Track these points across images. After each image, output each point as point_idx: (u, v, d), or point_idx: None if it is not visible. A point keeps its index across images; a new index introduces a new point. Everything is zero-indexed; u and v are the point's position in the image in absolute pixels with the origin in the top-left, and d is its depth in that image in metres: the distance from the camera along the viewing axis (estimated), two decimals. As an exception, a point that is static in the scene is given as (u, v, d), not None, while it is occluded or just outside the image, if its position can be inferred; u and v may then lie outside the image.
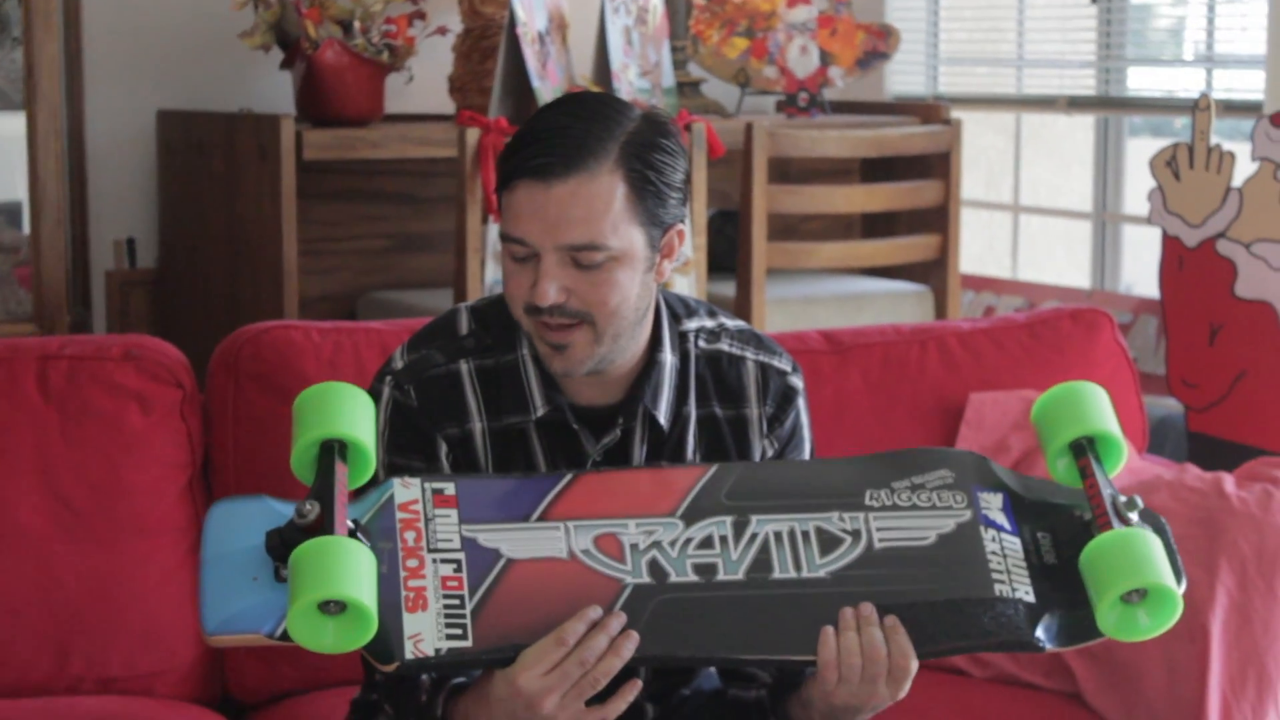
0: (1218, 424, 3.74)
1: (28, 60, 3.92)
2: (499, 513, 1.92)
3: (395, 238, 4.48)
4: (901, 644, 1.89)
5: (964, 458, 2.03)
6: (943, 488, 1.99)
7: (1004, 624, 1.90)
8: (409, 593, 1.84)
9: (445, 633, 1.83)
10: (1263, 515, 2.61)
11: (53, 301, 3.98)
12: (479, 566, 1.87)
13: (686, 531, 1.93)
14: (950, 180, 4.36)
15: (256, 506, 1.89)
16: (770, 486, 1.98)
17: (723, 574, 1.90)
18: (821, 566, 1.92)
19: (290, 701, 2.59)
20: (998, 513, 1.98)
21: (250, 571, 1.83)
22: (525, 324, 2.03)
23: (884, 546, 1.94)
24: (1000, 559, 1.94)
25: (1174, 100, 4.72)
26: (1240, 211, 3.69)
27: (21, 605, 2.49)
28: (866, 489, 1.98)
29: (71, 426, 2.54)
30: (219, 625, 1.80)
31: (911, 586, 1.92)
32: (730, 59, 4.78)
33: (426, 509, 1.90)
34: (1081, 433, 2.00)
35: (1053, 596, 1.92)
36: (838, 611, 1.90)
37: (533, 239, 1.97)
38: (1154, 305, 4.20)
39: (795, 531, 1.94)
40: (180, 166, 4.34)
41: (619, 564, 1.90)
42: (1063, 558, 1.95)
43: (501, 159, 2.02)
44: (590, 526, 1.92)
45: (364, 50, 4.05)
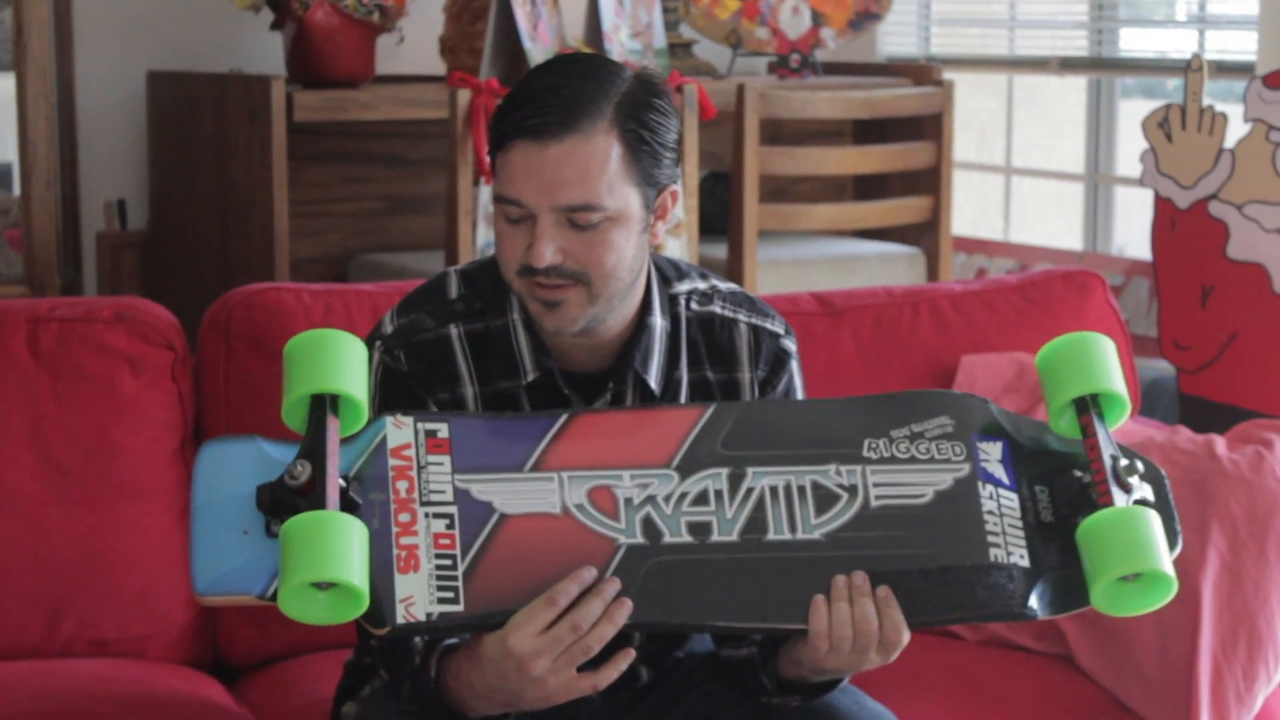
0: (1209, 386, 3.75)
1: (17, 21, 3.90)
2: (493, 460, 1.90)
3: (386, 199, 4.47)
4: (894, 618, 1.89)
5: (964, 401, 2.01)
6: (942, 438, 1.97)
7: (998, 594, 1.89)
8: (401, 551, 1.83)
9: (437, 596, 1.82)
10: (1254, 477, 2.61)
11: (43, 263, 3.97)
12: (472, 522, 1.86)
13: (681, 485, 1.91)
14: (942, 142, 4.36)
15: (248, 449, 1.87)
16: (768, 432, 1.96)
17: (717, 534, 1.90)
18: (816, 527, 1.91)
19: (282, 664, 2.60)
20: (996, 465, 1.97)
21: (241, 524, 1.81)
22: (517, 285, 2.02)
23: (880, 505, 1.93)
24: (997, 519, 1.93)
25: (1166, 61, 4.71)
26: (1232, 173, 3.69)
27: (12, 568, 2.49)
28: (865, 438, 1.96)
29: (62, 389, 2.54)
30: (209, 585, 1.79)
31: (907, 551, 1.91)
32: (722, 20, 4.77)
33: (419, 455, 1.89)
34: (1086, 390, 1.97)
35: (1047, 558, 1.92)
36: (830, 579, 1.89)
37: (528, 200, 1.96)
38: (1146, 267, 4.20)
39: (791, 486, 1.92)
40: (171, 128, 4.33)
41: (613, 521, 1.89)
42: (1059, 516, 1.94)
43: (495, 121, 2.01)
44: (584, 478, 1.90)
45: (354, 11, 4.03)
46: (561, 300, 1.99)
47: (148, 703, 2.38)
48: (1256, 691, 2.54)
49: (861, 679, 2.24)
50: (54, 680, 2.42)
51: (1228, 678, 2.51)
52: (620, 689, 2.18)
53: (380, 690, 2.10)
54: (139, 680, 2.45)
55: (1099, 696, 2.59)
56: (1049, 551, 1.92)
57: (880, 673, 2.50)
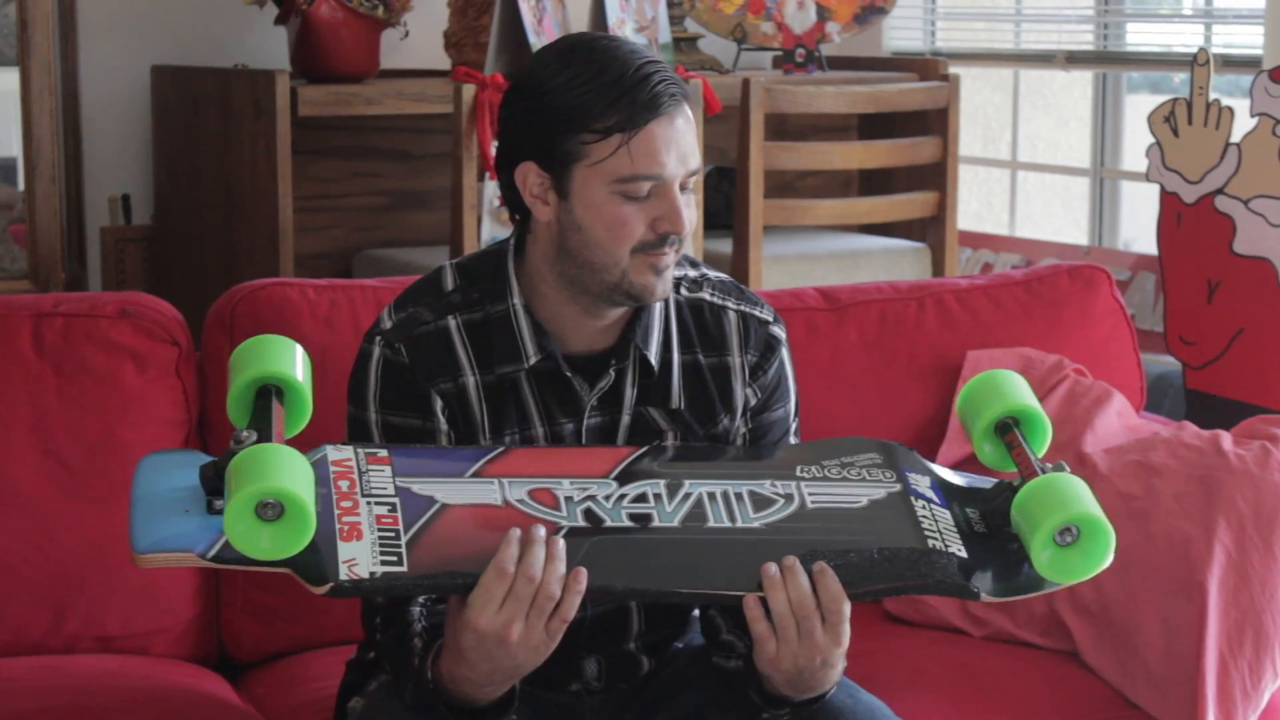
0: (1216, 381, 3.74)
1: (21, 15, 3.90)
2: (432, 471, 1.92)
3: (391, 195, 4.47)
4: (830, 587, 1.89)
5: (892, 447, 2.06)
6: (872, 466, 2.02)
7: (938, 569, 1.91)
8: (343, 525, 1.83)
9: (380, 559, 1.82)
10: (1260, 473, 2.61)
11: (47, 259, 3.97)
12: (413, 509, 1.87)
13: (620, 489, 1.94)
14: (948, 136, 4.35)
15: (188, 457, 1.89)
16: (704, 457, 2.03)
17: (658, 522, 1.92)
18: (756, 519, 1.94)
19: (286, 661, 2.59)
20: (927, 489, 2.00)
21: (181, 505, 1.82)
22: (623, 266, 2.03)
23: (816, 506, 1.96)
24: (932, 521, 1.96)
25: (1173, 55, 4.70)
26: (1239, 167, 3.68)
27: (17, 564, 2.49)
28: (797, 465, 2.01)
29: (67, 384, 2.54)
30: (149, 544, 1.78)
31: (845, 538, 1.93)
32: (727, 14, 4.76)
33: (360, 464, 1.91)
34: (1003, 411, 2.02)
35: (985, 557, 1.94)
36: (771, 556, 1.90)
37: (669, 173, 2.01)
38: (1152, 262, 4.19)
39: (729, 493, 1.96)
40: (175, 123, 4.33)
41: (554, 511, 1.90)
42: (992, 528, 1.97)
43: (595, 106, 1.99)
44: (524, 482, 1.92)
45: (359, 6, 4.03)
46: (670, 265, 2.05)
47: (152, 699, 2.38)
48: (1263, 687, 2.53)
49: (865, 675, 2.24)
50: (58, 676, 2.42)
51: (1234, 674, 2.51)
52: (622, 679, 2.19)
53: (387, 686, 2.10)
54: (143, 676, 2.45)
55: (1104, 693, 2.58)
56: (986, 554, 1.95)
57: (884, 669, 2.50)
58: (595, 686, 2.19)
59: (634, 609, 2.17)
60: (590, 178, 2.00)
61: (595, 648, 2.18)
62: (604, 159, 1.99)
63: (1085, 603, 2.63)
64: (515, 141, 2.06)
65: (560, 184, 2.02)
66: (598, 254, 2.03)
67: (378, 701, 2.10)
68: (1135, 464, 2.68)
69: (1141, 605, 2.57)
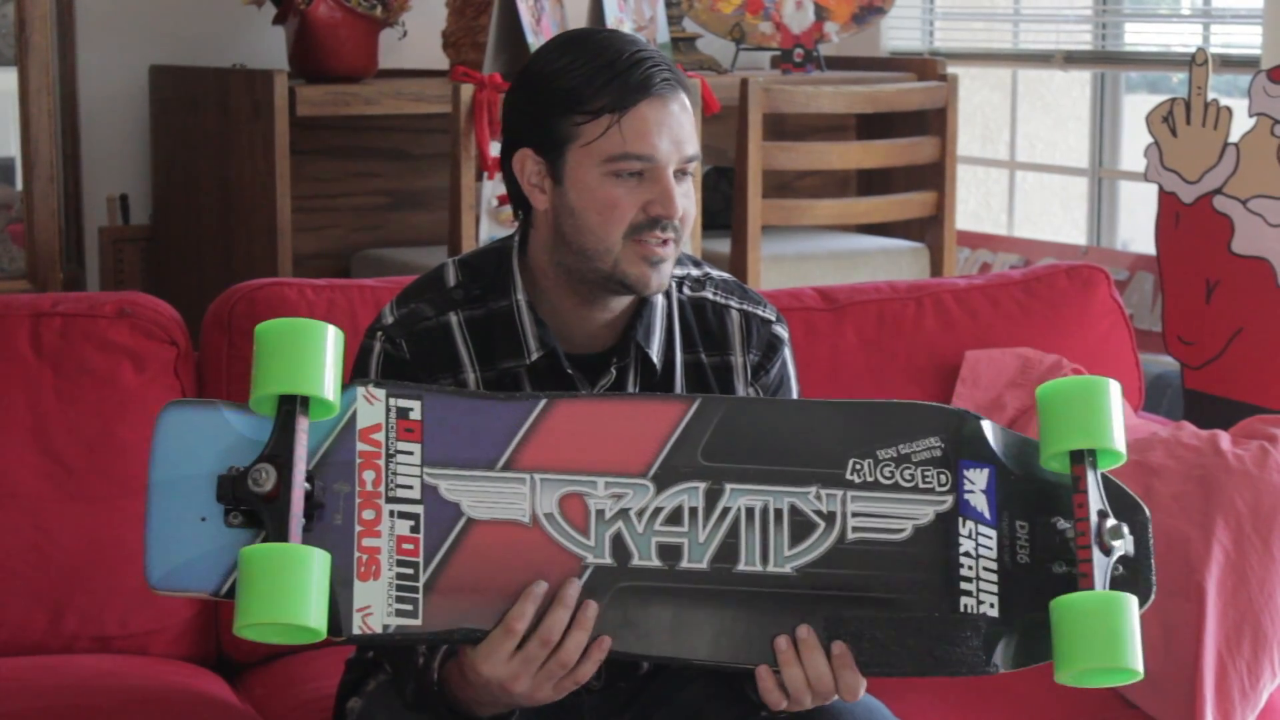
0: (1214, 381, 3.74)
1: (19, 15, 3.90)
2: (464, 453, 1.85)
3: (389, 194, 4.47)
4: (849, 680, 1.87)
5: (956, 419, 1.94)
6: (929, 463, 1.91)
7: (960, 652, 1.87)
8: (362, 554, 1.79)
9: (395, 609, 1.79)
10: (1259, 473, 2.61)
11: (46, 258, 3.97)
12: (437, 525, 1.82)
13: (656, 499, 1.87)
14: (946, 136, 4.35)
15: (210, 419, 1.81)
16: (751, 438, 1.90)
17: (687, 560, 1.86)
18: (788, 560, 1.87)
19: (285, 661, 2.59)
20: (979, 496, 1.91)
21: (198, 509, 1.77)
22: (615, 252, 2.02)
23: (856, 538, 1.88)
24: (973, 561, 1.89)
25: (1171, 55, 4.70)
26: (1237, 167, 3.68)
27: (16, 564, 2.48)
28: (850, 458, 1.90)
29: (65, 384, 2.54)
30: (163, 579, 1.76)
31: (876, 594, 1.87)
32: (725, 14, 4.76)
33: (389, 441, 1.84)
34: (1087, 444, 1.90)
35: (1017, 605, 1.88)
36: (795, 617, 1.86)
37: (661, 155, 2.01)
38: (1150, 262, 4.19)
39: (769, 509, 1.88)
40: (173, 122, 4.32)
41: (582, 537, 1.85)
42: (1035, 560, 1.90)
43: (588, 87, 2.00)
44: (557, 482, 1.86)
45: (357, 5, 4.03)
46: (666, 257, 2.03)
47: (151, 699, 2.38)
48: (1261, 688, 2.53)
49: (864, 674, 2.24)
50: (57, 676, 2.42)
51: (1232, 674, 2.51)
52: (622, 678, 2.19)
53: (385, 685, 2.10)
54: (142, 676, 2.45)
55: (1102, 693, 2.58)
56: (1021, 597, 1.89)
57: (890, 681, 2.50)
58: (595, 686, 2.19)
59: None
60: (583, 159, 2.02)
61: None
62: (596, 139, 2.01)
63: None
64: (513, 129, 2.08)
65: (555, 169, 2.04)
66: (590, 239, 2.03)
67: (377, 701, 2.10)
68: (1133, 464, 2.68)
69: (1140, 605, 2.57)
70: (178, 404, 1.83)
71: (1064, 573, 1.88)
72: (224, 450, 1.79)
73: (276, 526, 1.75)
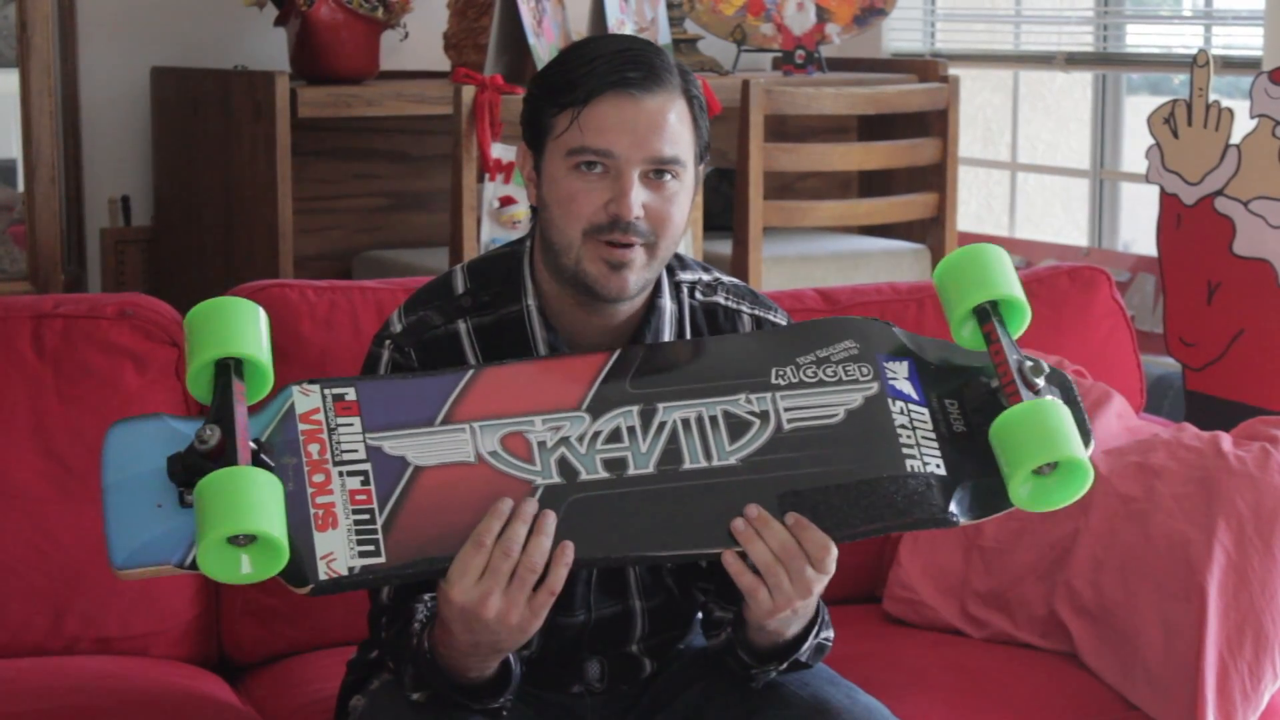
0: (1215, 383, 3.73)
1: (21, 17, 3.91)
2: (402, 417, 1.89)
3: (391, 196, 4.47)
4: (814, 537, 1.87)
5: (866, 325, 2.01)
6: (848, 360, 1.96)
7: (917, 501, 1.88)
8: (317, 510, 1.82)
9: (357, 550, 1.81)
10: (1260, 474, 2.61)
11: (47, 260, 3.97)
12: (386, 476, 1.85)
13: (594, 425, 1.90)
14: (948, 138, 4.35)
15: (155, 427, 1.86)
16: (675, 368, 1.96)
17: (633, 468, 1.89)
18: (732, 453, 1.90)
19: (286, 662, 2.59)
20: (904, 382, 1.96)
21: (153, 498, 1.80)
22: (579, 247, 2.02)
23: (793, 427, 1.92)
24: (910, 432, 1.92)
25: (1172, 57, 4.70)
26: (1239, 169, 3.68)
27: (17, 565, 2.48)
28: (772, 366, 1.96)
29: (66, 386, 2.54)
30: (127, 559, 1.78)
31: (823, 468, 1.90)
32: (727, 16, 4.76)
33: (329, 418, 1.88)
34: (985, 297, 1.96)
35: (964, 466, 1.91)
36: (751, 500, 1.87)
37: (621, 151, 1.99)
38: (1152, 263, 4.19)
39: (703, 417, 1.92)
40: (175, 124, 4.33)
41: (528, 464, 1.88)
42: (971, 425, 1.94)
43: (568, 79, 2.01)
44: (496, 426, 1.89)
45: (359, 7, 4.03)
46: (628, 261, 2.01)
47: (152, 700, 2.38)
48: (1263, 689, 2.53)
49: (864, 677, 2.24)
50: (58, 678, 2.42)
51: (1233, 675, 2.51)
52: (624, 681, 2.19)
53: (388, 684, 2.10)
54: (143, 678, 2.45)
55: (1104, 694, 2.58)
56: (965, 461, 1.92)
57: (884, 671, 2.50)
58: (597, 688, 2.19)
59: (638, 613, 2.17)
60: (554, 151, 2.03)
61: (598, 650, 2.18)
62: (562, 132, 2.01)
63: (1085, 604, 2.63)
64: (520, 125, 2.10)
65: (539, 162, 2.05)
66: (554, 233, 2.03)
67: (379, 700, 2.10)
68: (1135, 465, 2.68)
69: (1141, 607, 2.57)
70: (122, 420, 1.88)
71: None
72: (171, 448, 1.83)
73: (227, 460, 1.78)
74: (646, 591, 2.17)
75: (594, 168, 2.00)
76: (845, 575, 1.99)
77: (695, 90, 2.06)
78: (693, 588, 2.19)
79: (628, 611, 2.16)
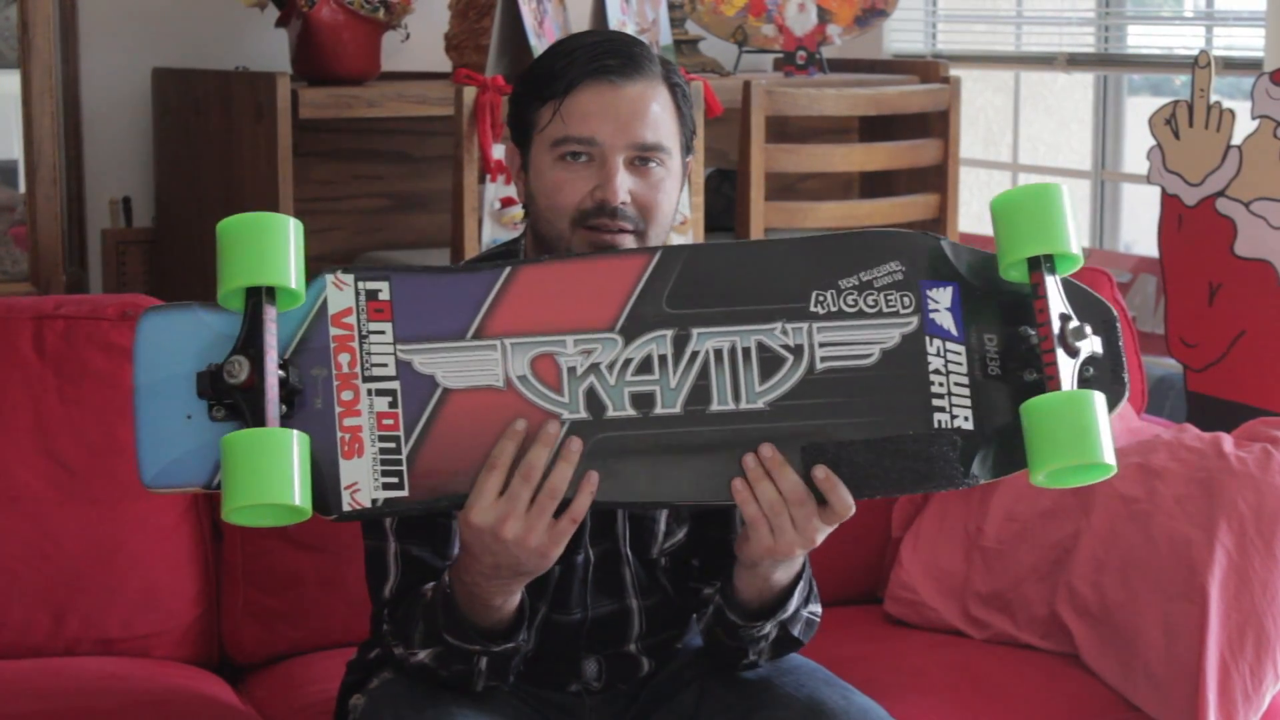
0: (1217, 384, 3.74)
1: (22, 18, 3.90)
2: (434, 327, 1.87)
3: (392, 197, 4.47)
4: (842, 497, 1.86)
5: (915, 242, 1.95)
6: (890, 287, 1.93)
7: (939, 466, 1.88)
8: (344, 434, 1.82)
9: (381, 482, 1.82)
10: (1262, 475, 2.61)
11: (48, 261, 3.97)
12: (415, 398, 1.85)
13: (625, 351, 1.88)
14: (949, 139, 4.35)
15: (187, 319, 1.84)
16: (714, 284, 1.92)
17: (660, 406, 1.87)
18: (760, 395, 1.88)
19: (287, 663, 2.59)
20: (945, 314, 1.93)
21: (184, 407, 1.80)
22: (565, 238, 2.03)
23: (825, 368, 1.90)
24: (943, 378, 1.90)
25: (1174, 58, 4.70)
26: (1240, 170, 3.68)
27: (18, 566, 2.49)
28: (813, 290, 1.92)
29: (68, 387, 2.54)
30: (156, 476, 1.79)
31: (850, 419, 1.89)
32: (728, 17, 4.76)
33: (360, 322, 1.86)
34: (1042, 249, 1.91)
35: (991, 417, 1.90)
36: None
37: (604, 138, 2.00)
38: (1153, 264, 4.19)
39: (736, 349, 1.90)
40: (176, 125, 4.32)
41: (556, 395, 1.86)
42: (1006, 369, 1.91)
43: (549, 73, 2.02)
44: (527, 344, 1.87)
45: (360, 8, 4.03)
46: (618, 245, 2.01)
47: (153, 701, 2.38)
48: (1264, 690, 2.53)
49: (865, 678, 2.24)
50: (59, 679, 2.42)
51: (1235, 677, 2.51)
52: (622, 680, 2.19)
53: (388, 683, 2.10)
54: (144, 679, 2.45)
55: (1105, 695, 2.58)
56: (994, 407, 1.90)
57: (885, 672, 2.50)
58: (595, 687, 2.19)
59: (634, 612, 2.17)
60: (539, 145, 2.04)
61: (595, 649, 2.18)
62: (546, 124, 2.03)
63: (1086, 605, 2.63)
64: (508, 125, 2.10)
65: (525, 158, 2.07)
66: (544, 225, 2.05)
67: (379, 699, 2.10)
68: (1136, 466, 2.68)
69: (1143, 608, 2.57)
70: (155, 310, 1.86)
71: (1035, 380, 1.89)
72: (203, 348, 1.82)
73: (255, 414, 1.77)
74: (643, 590, 2.17)
75: (579, 158, 2.01)
76: (846, 576, 1.99)
77: (677, 79, 2.06)
78: (688, 586, 2.19)
79: (625, 610, 2.17)
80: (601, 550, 2.14)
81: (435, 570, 2.06)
